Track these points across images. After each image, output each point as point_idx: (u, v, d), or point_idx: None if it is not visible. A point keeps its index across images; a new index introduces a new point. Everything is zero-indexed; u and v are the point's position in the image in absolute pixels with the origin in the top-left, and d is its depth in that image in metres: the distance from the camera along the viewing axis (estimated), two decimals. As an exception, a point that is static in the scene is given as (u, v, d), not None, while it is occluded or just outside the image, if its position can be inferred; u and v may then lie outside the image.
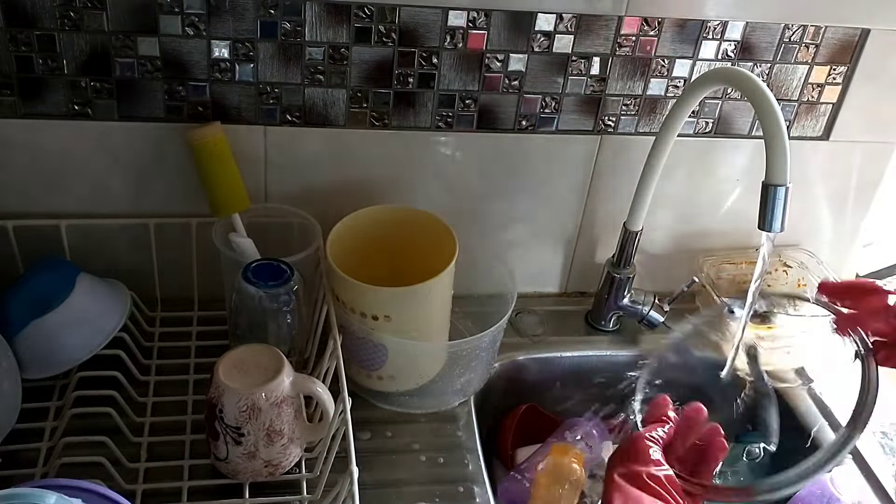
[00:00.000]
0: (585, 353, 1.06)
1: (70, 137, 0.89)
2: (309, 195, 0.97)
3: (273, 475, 0.78)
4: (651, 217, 1.01)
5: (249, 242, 0.90)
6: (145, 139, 0.91)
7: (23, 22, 0.82)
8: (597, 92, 0.97)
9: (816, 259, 1.12)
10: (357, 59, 0.90)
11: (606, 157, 1.02)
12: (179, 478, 0.78)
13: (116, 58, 0.86)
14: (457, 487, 0.85)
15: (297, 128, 0.93)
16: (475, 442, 0.90)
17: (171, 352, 0.93)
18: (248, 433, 0.74)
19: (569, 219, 1.06)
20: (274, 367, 0.75)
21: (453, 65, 0.92)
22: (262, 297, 0.82)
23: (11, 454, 0.78)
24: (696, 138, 1.02)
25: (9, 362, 0.81)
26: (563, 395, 1.07)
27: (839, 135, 1.05)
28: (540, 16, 0.90)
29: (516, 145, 0.99)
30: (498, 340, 0.94)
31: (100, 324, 0.86)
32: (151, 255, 0.95)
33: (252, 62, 0.88)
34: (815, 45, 0.98)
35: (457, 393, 0.94)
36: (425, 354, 0.92)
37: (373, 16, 0.87)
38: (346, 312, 0.87)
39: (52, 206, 0.93)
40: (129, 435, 0.81)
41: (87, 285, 0.86)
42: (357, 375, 0.91)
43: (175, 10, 0.84)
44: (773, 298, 1.12)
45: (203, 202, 0.91)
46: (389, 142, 0.96)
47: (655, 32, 0.93)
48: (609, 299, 1.06)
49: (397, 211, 0.95)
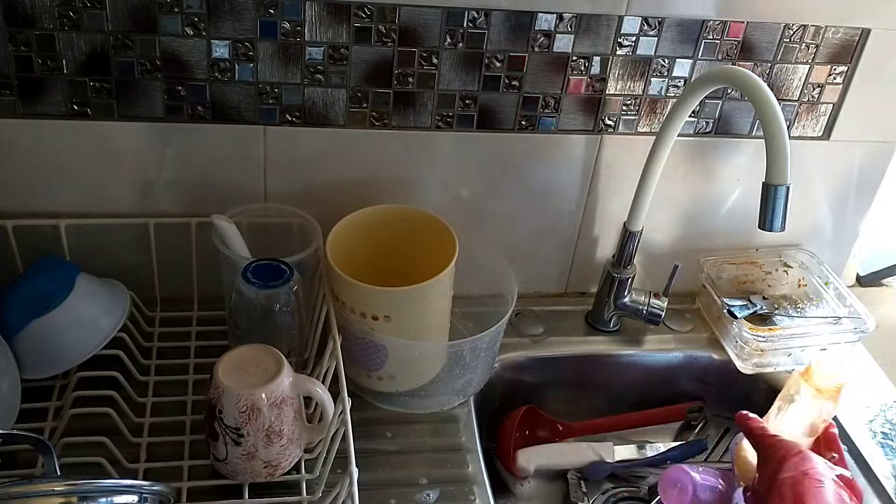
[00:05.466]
0: (585, 353, 1.06)
1: (69, 137, 0.89)
2: (309, 195, 0.96)
3: (272, 476, 0.78)
4: (651, 217, 1.01)
5: (233, 227, 0.89)
6: (145, 139, 0.91)
7: (22, 22, 0.82)
8: (597, 92, 0.97)
9: (817, 259, 1.12)
10: (357, 59, 0.90)
11: (606, 157, 1.02)
12: (179, 478, 0.78)
13: (116, 57, 0.86)
14: (457, 488, 0.85)
15: (297, 128, 0.93)
16: (475, 442, 0.90)
17: (170, 352, 0.92)
18: (248, 434, 0.74)
19: (569, 219, 1.06)
20: (273, 367, 0.75)
21: (453, 65, 0.92)
22: (262, 297, 0.82)
23: (11, 454, 0.78)
24: (696, 138, 1.02)
25: (8, 362, 0.81)
26: (563, 395, 1.07)
27: (839, 135, 1.05)
28: (540, 15, 0.90)
29: (516, 145, 0.99)
30: (498, 340, 0.94)
31: (99, 324, 0.86)
32: (151, 255, 0.95)
33: (252, 62, 0.88)
34: (815, 45, 0.97)
35: (457, 393, 0.94)
36: (425, 354, 0.92)
37: (373, 16, 0.87)
38: (345, 312, 0.87)
39: (51, 206, 0.93)
40: (129, 435, 0.81)
41: (86, 285, 0.86)
42: (357, 376, 0.91)
43: (175, 10, 0.84)
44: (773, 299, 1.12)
45: (203, 202, 0.91)
46: (389, 142, 0.96)
47: (655, 32, 0.93)
48: (609, 299, 1.05)
49: (397, 211, 0.95)
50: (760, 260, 1.13)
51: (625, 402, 1.07)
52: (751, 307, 1.09)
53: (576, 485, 0.99)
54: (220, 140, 0.92)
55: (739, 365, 1.04)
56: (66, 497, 0.59)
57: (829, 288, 1.09)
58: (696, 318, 1.12)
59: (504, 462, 0.99)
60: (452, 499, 0.83)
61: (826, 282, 1.09)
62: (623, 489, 0.99)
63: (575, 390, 1.07)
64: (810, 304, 1.10)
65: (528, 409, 1.01)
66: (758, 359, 1.03)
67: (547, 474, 1.02)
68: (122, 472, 0.76)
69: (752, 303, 1.10)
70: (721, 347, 1.07)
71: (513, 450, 0.99)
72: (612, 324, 1.08)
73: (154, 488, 0.66)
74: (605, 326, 1.08)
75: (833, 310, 1.07)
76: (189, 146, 0.92)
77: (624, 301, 1.05)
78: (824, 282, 1.10)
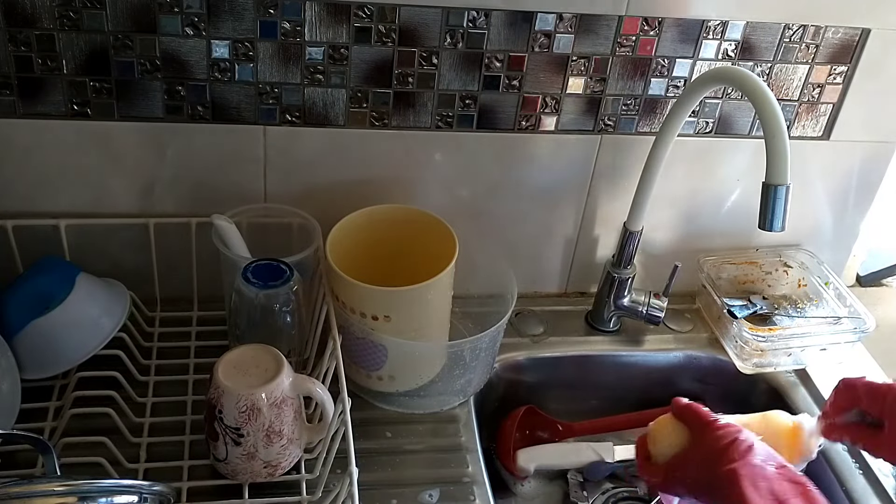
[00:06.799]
0: (585, 353, 1.06)
1: (69, 137, 0.89)
2: (309, 195, 0.96)
3: (272, 476, 0.78)
4: (651, 217, 1.01)
5: (233, 227, 0.89)
6: (145, 139, 0.91)
7: (22, 21, 0.82)
8: (597, 92, 0.97)
9: (817, 259, 1.12)
10: (357, 59, 0.90)
11: (606, 157, 1.02)
12: (179, 478, 0.78)
13: (116, 57, 0.86)
14: (457, 488, 0.84)
15: (297, 128, 0.93)
16: (475, 442, 0.90)
17: (170, 352, 0.92)
18: (248, 434, 0.74)
19: (569, 219, 1.06)
20: (273, 367, 0.75)
21: (453, 65, 0.92)
22: (262, 297, 0.82)
23: (10, 454, 0.78)
24: (696, 138, 1.02)
25: (8, 362, 0.81)
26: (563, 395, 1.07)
27: (839, 135, 1.05)
28: (540, 15, 0.90)
29: (516, 145, 0.99)
30: (498, 340, 0.94)
31: (99, 324, 0.86)
32: (151, 255, 0.95)
33: (252, 62, 0.88)
34: (815, 45, 0.97)
35: (457, 393, 0.94)
36: (425, 354, 0.92)
37: (373, 16, 0.87)
38: (345, 312, 0.87)
39: (51, 206, 0.93)
40: (129, 435, 0.81)
41: (86, 285, 0.86)
42: (357, 376, 0.91)
43: (175, 10, 0.84)
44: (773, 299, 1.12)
45: (203, 202, 0.91)
46: (389, 142, 0.96)
47: (655, 32, 0.93)
48: (609, 299, 1.05)
49: (397, 211, 0.95)
50: (760, 260, 1.13)
51: (625, 402, 1.07)
52: (751, 307, 1.09)
53: (576, 485, 0.99)
54: (220, 140, 0.92)
55: (739, 365, 1.04)
56: (65, 497, 0.59)
57: (829, 288, 1.09)
58: (696, 318, 1.12)
59: (504, 462, 0.99)
60: (452, 499, 0.83)
61: (826, 282, 1.09)
62: (623, 489, 0.99)
63: (575, 390, 1.07)
64: (810, 304, 1.11)
65: (528, 409, 1.01)
66: (758, 359, 1.03)
67: (547, 474, 1.02)
68: (122, 472, 0.76)
69: (752, 303, 1.10)
70: (721, 347, 1.07)
71: (513, 450, 0.99)
72: (612, 324, 1.08)
73: (154, 488, 0.66)
74: (605, 326, 1.08)
75: (833, 310, 1.07)
76: (189, 146, 0.92)
77: (624, 301, 1.05)
78: (824, 282, 1.10)
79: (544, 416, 1.04)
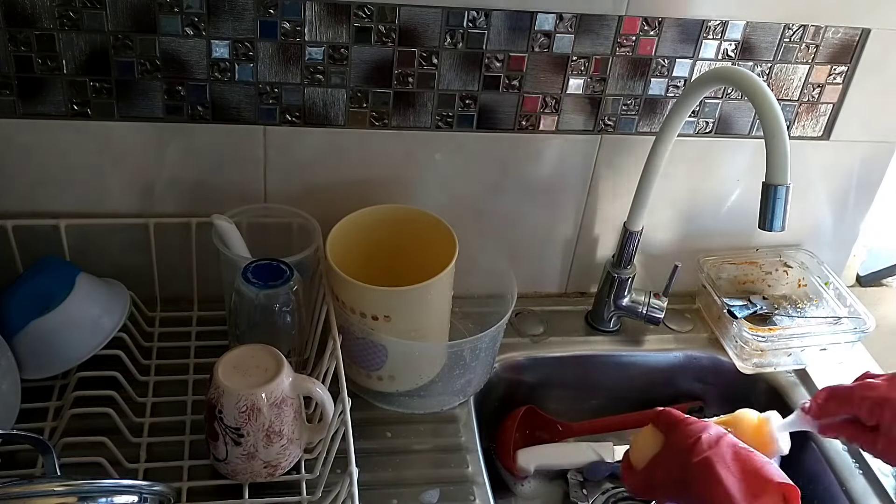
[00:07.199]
0: (585, 353, 1.06)
1: (69, 137, 0.89)
2: (309, 195, 0.96)
3: (272, 476, 0.78)
4: (651, 217, 1.01)
5: (233, 227, 0.89)
6: (145, 139, 0.91)
7: (22, 22, 0.82)
8: (597, 92, 0.97)
9: (817, 259, 1.12)
10: (357, 59, 0.90)
11: (606, 157, 1.02)
12: (179, 478, 0.78)
13: (116, 57, 0.86)
14: (457, 488, 0.85)
15: (297, 128, 0.93)
16: (475, 442, 0.90)
17: (170, 352, 0.92)
18: (248, 434, 0.74)
19: (569, 219, 1.06)
20: (273, 367, 0.75)
21: (453, 65, 0.92)
22: (262, 297, 0.82)
23: (10, 454, 0.78)
24: (696, 138, 1.02)
25: (8, 362, 0.81)
26: (563, 395, 1.07)
27: (839, 135, 1.05)
28: (540, 15, 0.90)
29: (516, 145, 0.99)
30: (498, 340, 0.94)
31: (99, 324, 0.86)
32: (151, 255, 0.95)
33: (252, 62, 0.88)
34: (815, 45, 0.97)
35: (457, 393, 0.94)
36: (425, 354, 0.92)
37: (373, 15, 0.87)
38: (345, 312, 0.87)
39: (51, 206, 0.93)
40: (129, 435, 0.81)
41: (86, 285, 0.86)
42: (357, 376, 0.91)
43: (175, 10, 0.84)
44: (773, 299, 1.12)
45: (203, 202, 0.91)
46: (389, 142, 0.96)
47: (655, 32, 0.93)
48: (609, 299, 1.05)
49: (397, 211, 0.95)
50: (760, 260, 1.13)
51: (625, 402, 1.07)
52: (751, 307, 1.09)
53: (576, 485, 0.99)
54: (220, 140, 0.92)
55: (739, 365, 1.04)
56: (65, 497, 0.59)
57: (829, 288, 1.09)
58: (696, 318, 1.12)
59: (504, 462, 0.99)
60: (452, 499, 0.83)
61: (826, 282, 1.09)
62: (623, 489, 0.99)
63: (575, 390, 1.07)
64: (810, 304, 1.11)
65: (528, 409, 1.01)
66: (758, 359, 1.03)
67: (547, 474, 1.02)
68: (122, 472, 0.76)
69: (752, 303, 1.10)
70: (721, 347, 1.07)
71: (513, 450, 0.99)
72: (612, 324, 1.08)
73: (154, 488, 0.66)
74: (605, 326, 1.08)
75: (833, 310, 1.07)
76: (189, 146, 0.92)
77: (624, 301, 1.05)
78: (824, 282, 1.10)
79: (544, 416, 1.04)
